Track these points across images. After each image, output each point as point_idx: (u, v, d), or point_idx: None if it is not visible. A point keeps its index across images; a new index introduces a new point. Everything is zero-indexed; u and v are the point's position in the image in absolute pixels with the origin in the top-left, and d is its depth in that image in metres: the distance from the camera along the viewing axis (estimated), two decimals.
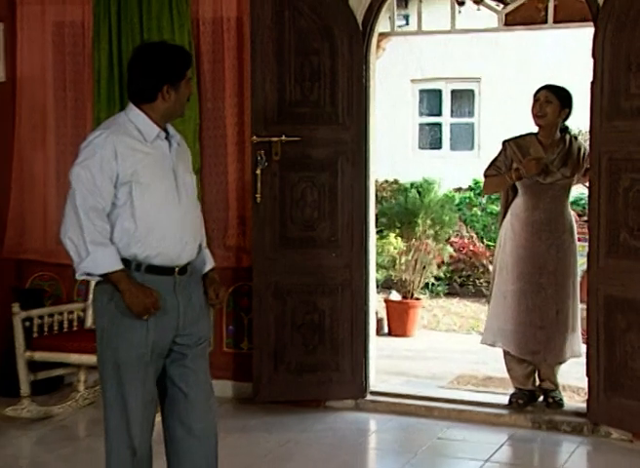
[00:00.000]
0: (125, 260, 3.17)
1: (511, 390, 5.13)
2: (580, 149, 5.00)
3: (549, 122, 4.97)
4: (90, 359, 4.51)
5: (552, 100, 4.94)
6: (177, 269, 3.25)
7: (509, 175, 4.96)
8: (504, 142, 5.09)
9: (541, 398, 5.08)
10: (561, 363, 5.07)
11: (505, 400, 5.08)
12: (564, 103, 4.96)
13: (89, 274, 3.16)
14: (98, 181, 3.12)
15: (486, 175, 5.14)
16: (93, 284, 3.34)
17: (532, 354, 4.97)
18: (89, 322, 5.24)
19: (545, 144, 4.99)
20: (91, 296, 5.07)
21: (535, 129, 5.05)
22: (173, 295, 3.24)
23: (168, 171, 3.25)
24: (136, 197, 3.15)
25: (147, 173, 3.18)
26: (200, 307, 3.37)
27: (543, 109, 4.95)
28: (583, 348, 4.90)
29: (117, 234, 3.16)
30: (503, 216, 5.15)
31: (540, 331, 4.94)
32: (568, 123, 5.08)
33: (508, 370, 5.13)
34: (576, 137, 5.10)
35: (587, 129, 4.75)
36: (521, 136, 5.08)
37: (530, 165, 4.88)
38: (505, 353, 5.10)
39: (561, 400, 5.03)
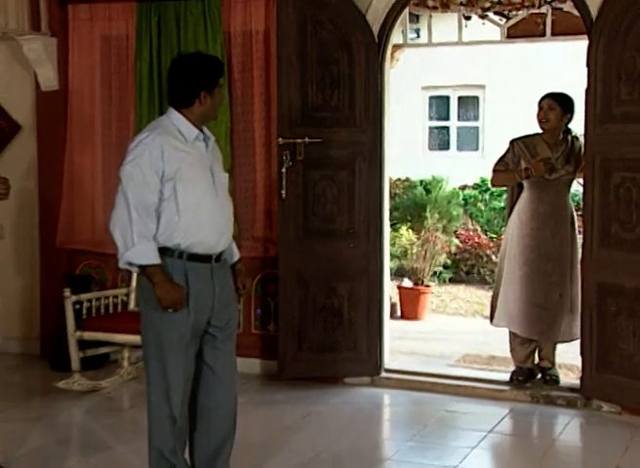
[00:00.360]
0: (168, 249, 3.20)
1: (512, 368, 5.12)
2: (580, 148, 4.97)
3: (553, 126, 4.95)
4: (133, 338, 4.53)
5: (555, 107, 4.92)
6: (213, 257, 3.28)
7: (519, 174, 4.93)
8: (512, 141, 5.06)
9: (539, 375, 5.08)
10: (559, 342, 5.06)
11: (507, 377, 5.08)
12: (566, 109, 4.94)
13: (130, 264, 3.18)
14: (147, 178, 3.14)
15: (495, 170, 5.10)
16: None
17: (539, 334, 4.96)
18: (132, 305, 5.27)
19: (550, 143, 4.98)
20: (133, 282, 5.12)
21: (539, 130, 5.03)
22: (210, 280, 3.27)
23: (206, 168, 3.28)
24: (179, 192, 3.17)
25: (189, 170, 3.20)
26: (230, 292, 3.40)
27: (547, 116, 4.93)
28: None
29: (162, 226, 3.18)
30: (510, 212, 5.13)
31: (545, 313, 4.92)
32: (570, 126, 5.06)
33: (511, 351, 5.12)
34: (577, 138, 5.07)
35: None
36: (527, 136, 5.06)
37: (539, 165, 4.86)
38: (511, 335, 5.08)
39: (557, 377, 5.02)
